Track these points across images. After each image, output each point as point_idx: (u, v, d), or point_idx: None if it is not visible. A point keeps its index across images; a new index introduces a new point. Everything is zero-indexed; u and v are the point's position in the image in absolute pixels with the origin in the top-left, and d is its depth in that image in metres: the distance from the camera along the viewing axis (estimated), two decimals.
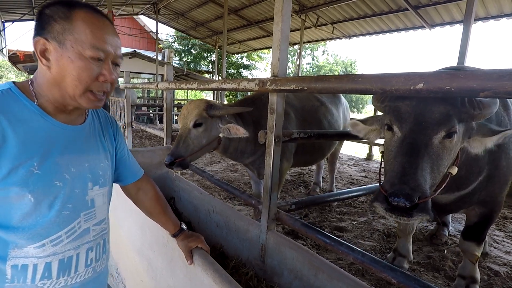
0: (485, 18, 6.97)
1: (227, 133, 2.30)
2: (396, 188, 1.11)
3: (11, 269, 0.80)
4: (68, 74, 0.79)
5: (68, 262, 0.87)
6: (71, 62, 0.79)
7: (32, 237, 0.81)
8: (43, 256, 0.83)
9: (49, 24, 0.78)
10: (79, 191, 0.88)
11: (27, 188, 0.77)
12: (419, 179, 1.14)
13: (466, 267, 2.14)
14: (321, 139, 1.98)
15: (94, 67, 0.81)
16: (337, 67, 28.45)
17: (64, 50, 0.78)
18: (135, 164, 1.20)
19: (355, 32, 10.23)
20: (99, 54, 0.81)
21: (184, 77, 15.87)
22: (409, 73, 0.98)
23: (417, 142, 1.22)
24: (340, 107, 3.57)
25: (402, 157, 1.22)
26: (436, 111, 1.24)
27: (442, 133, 1.23)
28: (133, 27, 19.24)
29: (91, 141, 0.95)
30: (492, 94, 0.82)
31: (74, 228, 0.87)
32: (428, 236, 3.06)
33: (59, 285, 0.87)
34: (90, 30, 0.80)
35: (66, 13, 0.79)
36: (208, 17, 13.25)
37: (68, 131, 0.88)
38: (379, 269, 1.27)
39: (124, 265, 2.34)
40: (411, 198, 1.07)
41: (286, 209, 1.89)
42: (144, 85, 4.25)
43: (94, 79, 0.82)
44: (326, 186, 4.66)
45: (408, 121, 1.28)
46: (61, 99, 0.84)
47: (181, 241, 1.26)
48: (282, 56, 1.58)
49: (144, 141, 8.25)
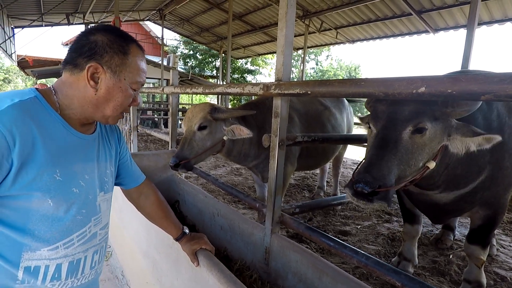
0: (489, 22, 6.95)
1: (231, 135, 2.33)
2: (360, 176, 1.26)
3: (24, 270, 0.82)
4: (113, 100, 0.89)
5: (77, 264, 0.91)
6: (120, 92, 0.88)
7: (47, 240, 0.84)
8: (55, 258, 0.86)
9: (108, 54, 0.85)
10: (92, 197, 0.93)
11: (49, 194, 0.80)
12: (383, 169, 1.27)
13: (471, 271, 2.13)
14: (324, 143, 1.99)
15: (132, 95, 0.93)
16: (341, 71, 28.45)
17: (117, 80, 0.87)
18: (137, 170, 1.24)
19: (359, 36, 10.26)
20: (140, 87, 0.93)
21: (189, 82, 15.98)
22: (411, 77, 1.00)
23: (386, 137, 1.35)
24: (344, 111, 3.58)
25: (373, 150, 1.36)
26: (406, 109, 1.35)
27: (409, 128, 1.33)
28: (139, 32, 19.52)
29: (100, 149, 1.00)
30: (493, 97, 0.83)
31: (85, 232, 0.91)
32: (433, 241, 3.04)
33: (66, 286, 0.90)
34: (139, 67, 0.91)
35: (125, 47, 0.88)
36: (213, 22, 13.38)
37: (84, 141, 0.93)
38: (383, 272, 1.27)
39: (129, 268, 2.35)
40: (371, 185, 1.22)
41: (290, 212, 1.91)
42: (150, 90, 4.30)
43: (129, 104, 0.93)
44: (330, 190, 4.65)
45: (381, 118, 1.42)
46: (89, 115, 0.90)
47: (185, 244, 1.29)
48: (286, 61, 1.61)
49: (149, 145, 8.31)
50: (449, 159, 1.52)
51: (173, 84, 3.16)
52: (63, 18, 11.27)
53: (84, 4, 10.36)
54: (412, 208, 2.30)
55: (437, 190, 1.74)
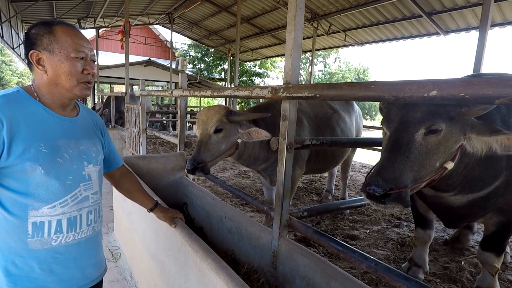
0: (502, 24, 6.82)
1: (247, 138, 2.30)
2: (372, 179, 1.29)
3: (32, 225, 1.03)
4: (62, 72, 1.06)
5: (74, 220, 1.11)
6: (62, 63, 1.05)
7: (45, 200, 1.05)
8: (55, 215, 1.06)
9: (38, 39, 1.04)
10: (77, 167, 1.13)
11: (38, 162, 1.01)
12: (394, 172, 1.28)
13: (485, 279, 2.08)
14: (333, 146, 1.98)
15: (79, 64, 1.08)
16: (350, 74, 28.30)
17: (54, 56, 1.05)
18: (118, 153, 1.50)
19: (367, 39, 10.18)
20: (81, 54, 1.08)
21: (197, 85, 16.10)
22: (422, 80, 0.98)
23: (399, 139, 1.36)
24: (353, 114, 3.55)
25: (386, 153, 1.37)
26: (419, 111, 1.35)
27: (422, 130, 1.33)
28: (149, 36, 19.71)
29: (84, 130, 1.21)
30: (508, 101, 0.81)
31: (76, 194, 1.12)
32: (450, 239, 2.97)
33: (69, 239, 1.10)
34: (69, 38, 1.07)
35: (48, 29, 1.06)
36: (221, 25, 13.47)
37: (64, 122, 1.13)
38: (393, 278, 1.25)
39: (138, 269, 2.37)
40: (382, 188, 1.24)
41: (298, 216, 1.89)
42: (159, 93, 4.35)
43: (80, 72, 1.09)
44: (339, 193, 4.61)
45: (394, 121, 1.43)
46: (59, 95, 1.10)
47: (159, 213, 1.59)
48: (294, 63, 1.60)
49: (157, 147, 8.38)
50: (468, 159, 1.49)
51: (182, 87, 3.18)
52: (75, 23, 11.50)
53: (95, 8, 10.56)
54: (425, 213, 2.26)
55: (452, 192, 1.71)
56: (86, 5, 9.94)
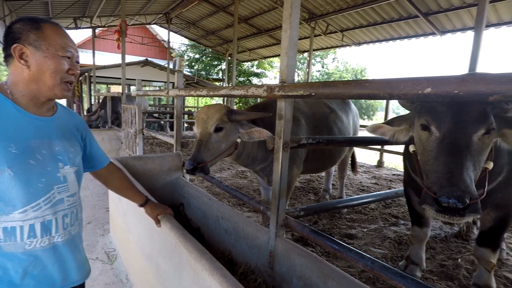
0: (497, 24, 6.86)
1: (248, 138, 2.26)
2: (446, 190, 1.13)
3: (3, 230, 0.99)
4: (47, 69, 1.03)
5: (48, 224, 1.07)
6: (48, 60, 1.03)
7: (15, 205, 0.99)
8: (27, 219, 1.02)
9: (23, 34, 1.02)
10: (51, 169, 1.08)
11: (6, 164, 0.96)
12: (466, 180, 1.15)
13: (481, 275, 2.08)
14: (329, 145, 1.97)
15: (65, 62, 1.07)
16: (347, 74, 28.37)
17: (41, 52, 1.02)
18: (103, 153, 1.47)
19: (365, 39, 10.21)
20: (68, 54, 1.07)
21: (195, 85, 16.06)
22: (417, 78, 0.98)
23: (458, 141, 1.23)
24: (350, 114, 3.55)
25: (446, 157, 1.22)
26: (474, 110, 1.23)
27: (481, 131, 1.23)
28: (146, 36, 19.65)
29: (59, 130, 1.15)
30: (502, 98, 0.81)
31: (49, 197, 1.07)
32: (455, 233, 2.96)
33: (44, 243, 1.06)
34: (58, 37, 1.06)
35: (36, 25, 1.04)
36: (218, 26, 13.46)
37: (38, 121, 1.08)
38: (390, 277, 1.25)
39: (133, 271, 2.35)
40: (463, 200, 1.10)
41: (294, 215, 1.88)
42: (155, 93, 4.33)
43: (66, 71, 1.07)
44: (336, 193, 4.61)
45: (446, 120, 1.28)
46: (37, 92, 1.06)
47: (149, 210, 1.60)
48: (290, 62, 1.60)
49: (154, 148, 8.35)
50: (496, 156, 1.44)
51: (178, 87, 3.17)
52: (70, 22, 11.46)
53: (91, 8, 10.52)
54: (421, 210, 2.26)
55: None
56: (82, 4, 9.91)
